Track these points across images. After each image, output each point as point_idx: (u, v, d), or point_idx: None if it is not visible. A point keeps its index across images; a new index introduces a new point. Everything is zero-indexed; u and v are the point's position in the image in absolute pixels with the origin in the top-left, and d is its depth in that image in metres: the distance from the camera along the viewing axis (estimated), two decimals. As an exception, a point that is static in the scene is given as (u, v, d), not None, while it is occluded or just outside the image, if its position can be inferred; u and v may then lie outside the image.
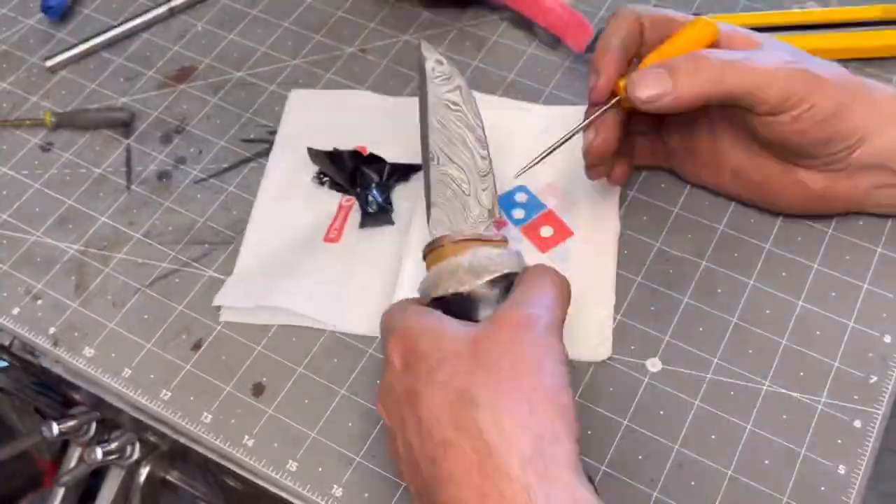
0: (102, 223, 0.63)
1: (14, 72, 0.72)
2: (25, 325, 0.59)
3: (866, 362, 0.54)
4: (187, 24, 0.74)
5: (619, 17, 0.55)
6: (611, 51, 0.54)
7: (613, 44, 0.54)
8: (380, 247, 0.60)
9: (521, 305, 0.44)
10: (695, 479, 0.51)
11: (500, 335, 0.43)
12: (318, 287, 0.58)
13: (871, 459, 0.51)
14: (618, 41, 0.54)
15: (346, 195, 0.63)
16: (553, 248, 0.60)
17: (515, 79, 0.69)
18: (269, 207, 0.63)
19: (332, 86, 0.69)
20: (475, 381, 0.41)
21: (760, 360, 0.55)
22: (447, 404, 0.41)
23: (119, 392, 0.56)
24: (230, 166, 0.66)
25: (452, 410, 0.41)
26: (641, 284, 0.58)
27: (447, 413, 0.41)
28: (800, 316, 0.56)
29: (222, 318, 0.58)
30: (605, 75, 0.54)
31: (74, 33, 0.74)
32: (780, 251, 0.59)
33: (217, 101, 0.69)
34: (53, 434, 0.65)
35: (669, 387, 0.54)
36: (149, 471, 0.72)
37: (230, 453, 0.53)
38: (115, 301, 0.60)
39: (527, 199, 0.62)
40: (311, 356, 0.57)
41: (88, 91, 0.70)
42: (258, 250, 0.61)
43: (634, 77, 0.52)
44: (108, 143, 0.68)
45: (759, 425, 0.53)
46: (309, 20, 0.74)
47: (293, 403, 0.55)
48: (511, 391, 0.40)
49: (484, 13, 0.73)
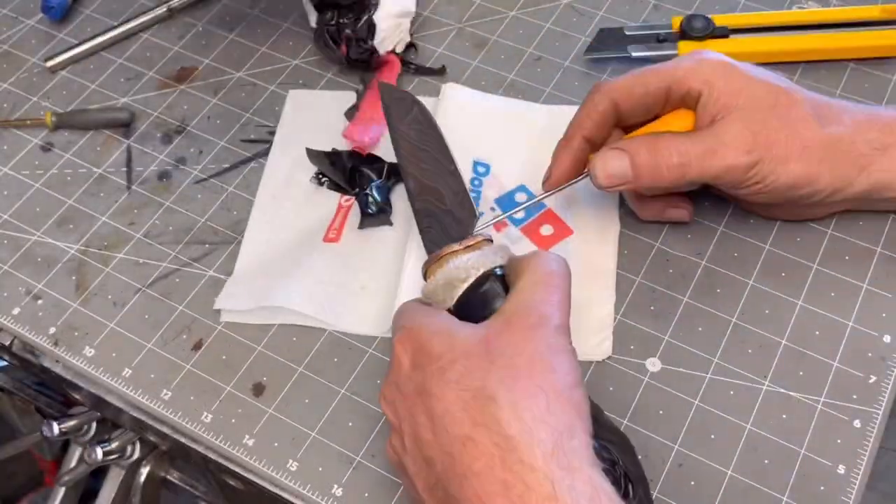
0: (103, 223, 0.63)
1: (15, 72, 0.72)
2: (26, 325, 0.59)
3: (866, 362, 0.54)
4: (187, 24, 0.74)
5: (588, 104, 0.56)
6: (571, 144, 0.56)
7: (576, 136, 0.56)
8: (379, 247, 0.60)
9: (531, 305, 0.45)
10: (695, 479, 0.51)
11: (513, 336, 0.43)
12: (318, 287, 0.58)
13: (870, 459, 0.51)
14: (582, 133, 0.56)
15: (345, 195, 0.63)
16: (553, 246, 0.60)
17: (515, 79, 0.69)
18: (268, 208, 0.63)
19: (332, 86, 0.69)
20: (491, 379, 0.41)
21: (760, 360, 0.55)
22: (462, 402, 0.41)
23: (119, 392, 0.56)
24: (230, 166, 0.66)
25: (468, 408, 0.41)
26: (641, 284, 0.58)
27: (463, 410, 0.41)
28: (800, 316, 0.56)
29: (223, 319, 0.58)
30: (557, 171, 0.56)
31: (75, 33, 0.74)
32: (780, 251, 0.59)
33: (217, 101, 0.69)
34: (54, 434, 0.65)
35: (669, 387, 0.54)
36: (149, 471, 0.72)
37: (230, 453, 0.53)
38: (116, 301, 0.60)
39: (526, 199, 0.62)
40: (311, 356, 0.57)
41: (89, 91, 0.70)
42: (258, 250, 0.61)
43: (598, 163, 0.54)
44: (108, 143, 0.68)
45: (759, 425, 0.53)
46: (309, 20, 0.73)
47: (293, 403, 0.55)
48: (529, 388, 0.41)
49: (484, 13, 0.73)
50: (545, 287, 0.46)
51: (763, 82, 0.54)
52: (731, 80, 0.54)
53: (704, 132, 0.53)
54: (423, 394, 0.43)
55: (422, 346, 0.44)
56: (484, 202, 0.62)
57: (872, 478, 0.51)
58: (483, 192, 0.62)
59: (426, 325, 0.45)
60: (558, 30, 0.71)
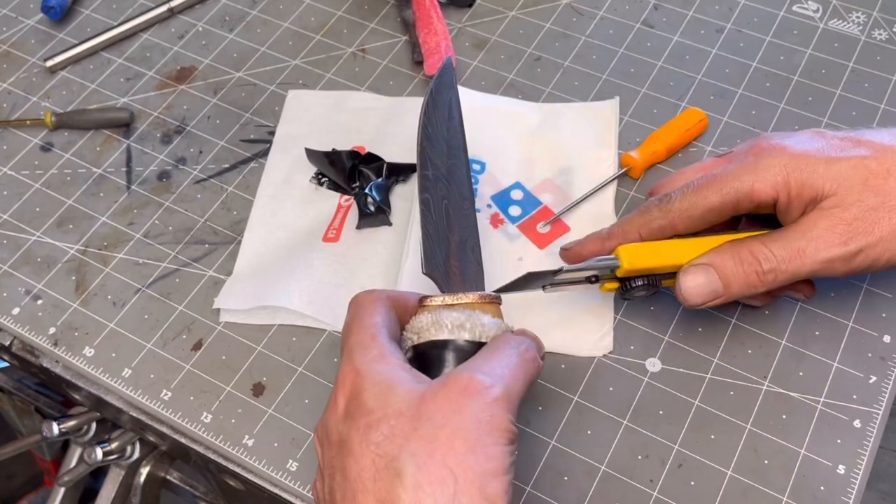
0: (102, 223, 0.63)
1: (14, 72, 0.72)
2: (25, 325, 0.59)
3: (866, 362, 0.54)
4: (187, 24, 0.74)
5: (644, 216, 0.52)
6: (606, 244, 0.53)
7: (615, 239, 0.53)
8: (379, 246, 0.60)
9: (473, 370, 0.41)
10: (695, 479, 0.51)
11: (445, 400, 0.40)
12: (318, 287, 0.58)
13: (870, 459, 0.51)
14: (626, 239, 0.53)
15: (344, 195, 0.63)
16: (550, 244, 0.60)
17: (515, 79, 0.69)
18: (267, 208, 0.63)
19: (332, 86, 0.69)
20: (407, 450, 0.39)
21: (760, 360, 0.55)
22: (374, 469, 0.39)
23: (119, 392, 0.56)
24: (230, 166, 0.66)
25: (377, 479, 0.39)
26: (641, 284, 0.58)
27: (372, 480, 0.39)
28: (799, 316, 0.56)
29: (222, 319, 0.58)
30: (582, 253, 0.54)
31: (74, 33, 0.74)
32: (780, 251, 0.59)
33: (217, 101, 0.69)
34: (54, 434, 0.65)
35: (669, 387, 0.54)
36: (149, 471, 0.72)
37: (230, 453, 0.53)
38: (115, 301, 0.60)
39: (523, 196, 0.62)
40: (311, 356, 0.57)
41: (89, 91, 0.70)
42: (257, 250, 0.61)
43: (683, 279, 0.50)
44: (108, 143, 0.68)
45: (759, 425, 0.53)
46: (309, 20, 0.74)
47: (293, 403, 0.55)
48: (439, 468, 0.38)
49: (484, 13, 0.73)
50: (496, 355, 0.43)
51: (846, 159, 0.49)
52: (806, 171, 0.49)
53: (791, 230, 0.49)
54: (344, 448, 0.41)
55: (358, 395, 0.41)
56: (480, 199, 0.62)
57: (872, 478, 0.51)
58: (479, 189, 0.62)
59: (372, 372, 0.42)
60: (558, 30, 0.71)
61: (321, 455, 0.43)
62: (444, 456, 0.38)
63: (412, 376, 0.42)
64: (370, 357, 0.43)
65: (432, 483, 0.38)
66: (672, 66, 0.69)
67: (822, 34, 0.70)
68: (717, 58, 0.69)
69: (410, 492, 0.38)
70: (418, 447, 0.39)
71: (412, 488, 0.38)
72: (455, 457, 0.38)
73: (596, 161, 0.63)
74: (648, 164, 0.63)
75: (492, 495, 0.38)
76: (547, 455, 0.52)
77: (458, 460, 0.38)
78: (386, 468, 0.39)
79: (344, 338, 0.45)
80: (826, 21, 0.71)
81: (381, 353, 0.43)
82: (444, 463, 0.38)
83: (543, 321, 0.55)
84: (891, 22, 0.70)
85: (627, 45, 0.70)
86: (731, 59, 0.69)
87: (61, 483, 0.75)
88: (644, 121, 0.66)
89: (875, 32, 0.70)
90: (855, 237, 0.48)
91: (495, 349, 0.43)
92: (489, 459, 0.39)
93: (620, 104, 0.66)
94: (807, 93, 0.66)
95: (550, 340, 0.56)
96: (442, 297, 0.46)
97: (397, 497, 0.38)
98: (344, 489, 0.40)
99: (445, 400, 0.40)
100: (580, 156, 0.63)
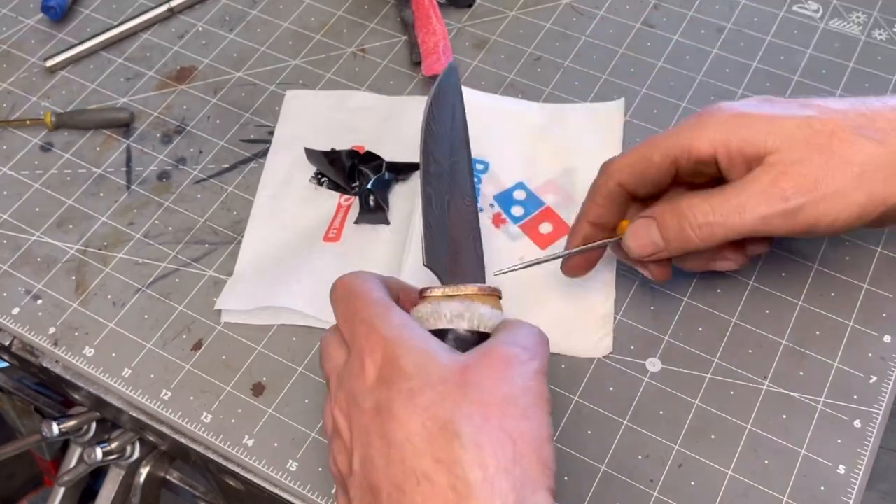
0: (102, 223, 0.63)
1: (14, 72, 0.72)
2: (25, 325, 0.59)
3: (866, 362, 0.54)
4: (187, 24, 0.74)
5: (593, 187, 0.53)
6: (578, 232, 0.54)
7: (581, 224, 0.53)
8: (379, 246, 0.60)
9: (510, 343, 0.41)
10: (695, 479, 0.51)
11: (491, 369, 0.40)
12: (319, 287, 0.58)
13: (870, 459, 0.51)
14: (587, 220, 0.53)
15: (344, 195, 0.63)
16: (552, 244, 0.60)
17: (515, 79, 0.69)
18: (267, 208, 0.63)
19: (332, 86, 0.69)
20: (461, 413, 0.38)
21: (760, 360, 0.55)
22: (427, 432, 0.38)
23: (119, 392, 0.56)
24: (230, 166, 0.66)
25: (432, 440, 0.38)
26: (641, 284, 0.58)
27: (426, 442, 0.38)
28: (800, 316, 0.56)
29: (223, 319, 0.58)
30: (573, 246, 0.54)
31: (74, 33, 0.74)
32: (780, 251, 0.59)
33: (217, 101, 0.69)
34: (53, 434, 0.65)
35: (669, 386, 0.54)
36: (149, 471, 0.72)
37: (230, 453, 0.53)
38: (115, 301, 0.60)
39: (525, 197, 0.62)
40: (311, 356, 0.57)
41: (88, 91, 0.70)
42: (258, 250, 0.61)
43: (630, 236, 0.51)
44: (108, 143, 0.68)
45: (759, 425, 0.53)
46: (309, 20, 0.74)
47: (293, 403, 0.55)
48: (497, 431, 0.38)
49: (484, 13, 0.73)
50: (522, 331, 0.43)
51: (789, 117, 0.49)
52: (747, 128, 0.49)
53: (733, 185, 0.49)
54: (384, 414, 0.39)
55: (394, 361, 0.40)
56: (483, 198, 0.62)
57: (872, 478, 0.51)
58: (482, 188, 0.62)
59: (404, 338, 0.41)
60: (558, 30, 0.71)
61: (347, 426, 0.41)
62: (499, 420, 0.38)
63: (444, 346, 0.42)
64: (396, 324, 0.42)
65: (493, 444, 0.38)
66: (672, 66, 0.69)
67: (823, 34, 0.70)
68: (718, 58, 0.69)
69: (472, 451, 0.37)
70: (472, 410, 0.38)
71: (473, 448, 0.37)
72: (510, 421, 0.38)
73: (601, 162, 0.63)
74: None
75: (546, 459, 0.39)
76: (547, 455, 0.52)
77: (513, 425, 0.38)
78: (441, 430, 0.38)
79: (347, 316, 0.43)
80: (826, 21, 0.71)
81: (406, 322, 0.42)
82: (500, 426, 0.38)
83: (543, 321, 0.55)
84: (891, 22, 0.70)
85: (628, 45, 0.70)
86: (732, 59, 0.69)
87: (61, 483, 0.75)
88: (644, 121, 0.65)
89: (875, 32, 0.70)
90: (797, 193, 0.48)
91: (519, 326, 0.43)
92: (540, 426, 0.39)
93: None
94: (807, 93, 0.66)
95: (550, 341, 0.56)
96: (442, 289, 0.46)
97: (458, 457, 0.37)
98: (388, 455, 0.38)
99: (490, 370, 0.40)
100: (584, 157, 0.63)
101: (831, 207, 0.48)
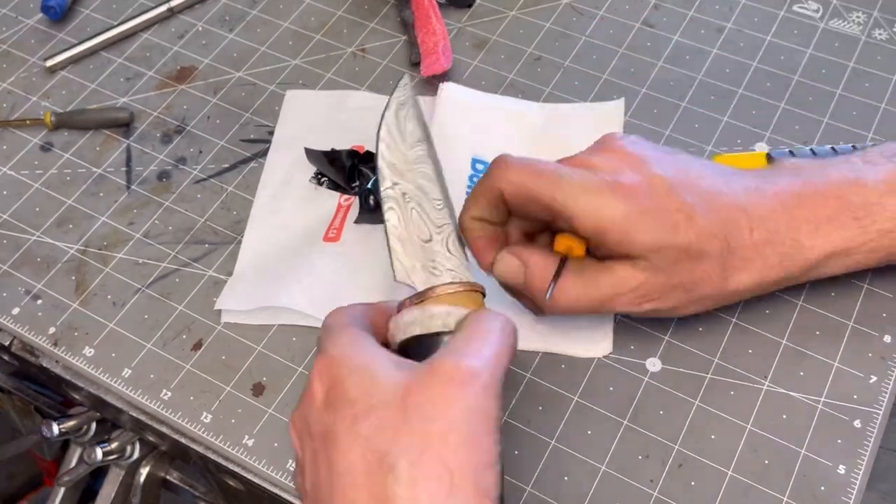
0: (102, 223, 0.63)
1: (14, 72, 0.72)
2: (25, 325, 0.59)
3: (866, 362, 0.54)
4: (187, 24, 0.74)
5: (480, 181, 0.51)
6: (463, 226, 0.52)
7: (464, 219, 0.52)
8: (379, 246, 0.60)
9: (460, 354, 0.40)
10: (695, 479, 0.51)
11: (434, 390, 0.39)
12: (320, 287, 0.58)
13: (871, 459, 0.51)
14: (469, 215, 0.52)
15: (344, 194, 0.63)
16: (553, 247, 0.60)
17: (515, 79, 0.69)
18: (267, 208, 0.63)
19: (332, 86, 0.69)
20: (399, 444, 0.38)
21: (760, 360, 0.55)
22: (365, 464, 0.38)
23: (119, 392, 0.56)
24: (230, 166, 0.66)
25: (370, 474, 0.38)
26: (641, 284, 0.58)
27: (363, 476, 0.38)
28: (800, 316, 0.56)
29: (223, 320, 0.58)
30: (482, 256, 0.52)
31: (74, 33, 0.74)
32: (780, 251, 0.59)
33: (217, 101, 0.69)
34: (53, 434, 0.65)
35: (669, 386, 0.54)
36: (149, 471, 0.72)
37: (230, 453, 0.53)
38: (115, 301, 0.60)
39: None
40: (311, 356, 0.57)
41: (88, 91, 0.70)
42: (258, 250, 0.61)
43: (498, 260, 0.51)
44: (108, 143, 0.68)
45: (759, 425, 0.53)
46: (309, 20, 0.74)
47: (293, 403, 0.55)
48: (435, 464, 0.37)
49: (484, 13, 0.73)
50: (478, 340, 0.41)
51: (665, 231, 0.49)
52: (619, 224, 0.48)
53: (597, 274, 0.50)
54: (328, 440, 0.39)
55: (338, 384, 0.40)
56: None
57: (872, 478, 0.51)
58: None
59: (348, 358, 0.41)
60: (558, 30, 0.71)
61: (300, 448, 0.42)
62: (438, 451, 0.37)
63: (390, 360, 0.41)
64: (342, 342, 0.42)
65: (428, 479, 0.37)
66: (672, 66, 0.69)
67: (823, 34, 0.70)
68: (717, 58, 0.69)
69: (405, 488, 0.37)
70: (410, 442, 0.38)
71: (407, 484, 0.37)
72: (449, 452, 0.38)
73: None
74: None
75: (486, 488, 0.38)
76: (547, 455, 0.52)
77: (452, 455, 0.38)
78: (378, 463, 0.38)
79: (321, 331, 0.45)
80: (826, 21, 0.71)
81: (353, 339, 0.42)
82: (439, 458, 0.37)
83: (543, 322, 0.56)
84: (891, 22, 0.70)
85: (628, 45, 0.70)
86: (731, 59, 0.69)
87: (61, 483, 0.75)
88: (644, 121, 0.65)
89: (875, 32, 0.69)
90: (654, 299, 0.50)
91: (476, 329, 0.42)
92: (482, 452, 0.38)
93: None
94: (807, 93, 0.66)
95: (550, 341, 0.56)
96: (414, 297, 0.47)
97: (393, 493, 0.37)
98: (332, 484, 0.39)
99: (433, 391, 0.39)
100: None
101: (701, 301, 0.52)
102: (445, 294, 0.46)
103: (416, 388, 0.39)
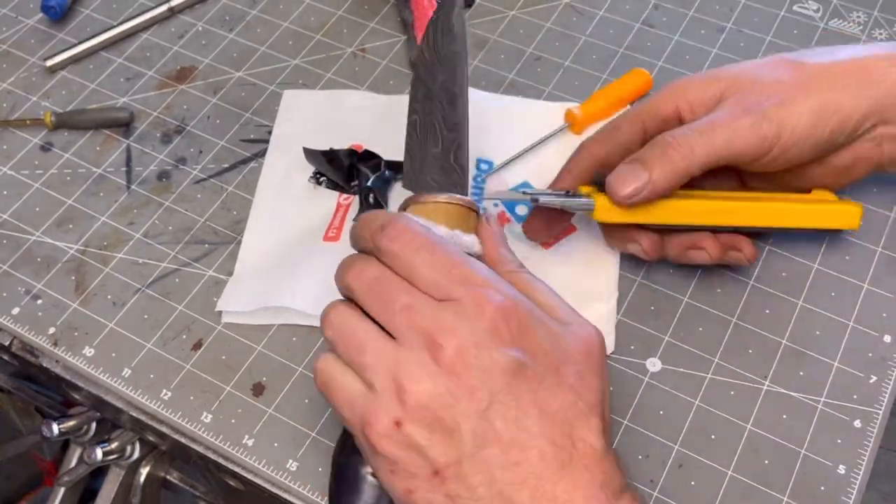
0: (102, 223, 0.63)
1: (14, 72, 0.72)
2: (25, 325, 0.59)
3: (866, 362, 0.54)
4: (187, 24, 0.74)
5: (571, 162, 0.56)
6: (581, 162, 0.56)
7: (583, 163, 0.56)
8: (380, 246, 0.60)
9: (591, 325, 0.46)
10: (695, 479, 0.51)
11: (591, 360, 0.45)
12: (319, 286, 0.58)
13: (870, 459, 0.51)
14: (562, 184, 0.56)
15: (343, 194, 0.63)
16: (556, 244, 0.60)
17: (515, 79, 0.69)
18: (267, 208, 0.63)
19: (332, 85, 0.69)
20: (596, 396, 0.43)
21: (760, 360, 0.55)
22: (575, 411, 0.42)
23: (119, 392, 0.56)
24: (230, 166, 0.66)
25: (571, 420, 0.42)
26: (641, 284, 0.58)
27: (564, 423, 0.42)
28: (800, 316, 0.56)
29: (224, 320, 0.58)
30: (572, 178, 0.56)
31: (74, 33, 0.74)
32: (780, 251, 0.59)
33: (217, 101, 0.69)
34: (53, 434, 0.65)
35: (669, 386, 0.54)
36: (149, 471, 0.72)
37: (230, 453, 0.53)
38: (115, 301, 0.60)
39: (528, 198, 0.62)
40: (311, 356, 0.57)
41: (88, 91, 0.70)
42: (258, 250, 0.61)
43: (612, 178, 0.52)
44: (108, 143, 0.68)
45: (759, 425, 0.53)
46: (309, 20, 0.74)
47: (293, 403, 0.55)
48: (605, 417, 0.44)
49: (484, 13, 0.73)
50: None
51: (741, 68, 0.54)
52: (704, 86, 0.54)
53: (704, 115, 0.53)
54: (532, 380, 0.42)
55: (529, 331, 0.42)
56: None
57: (872, 478, 0.51)
58: (487, 188, 0.62)
59: (528, 311, 0.43)
60: (558, 30, 0.71)
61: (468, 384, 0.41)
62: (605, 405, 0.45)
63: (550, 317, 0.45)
64: (509, 289, 0.44)
65: (606, 431, 0.44)
66: (672, 66, 0.69)
67: (823, 34, 0.70)
68: (718, 58, 0.69)
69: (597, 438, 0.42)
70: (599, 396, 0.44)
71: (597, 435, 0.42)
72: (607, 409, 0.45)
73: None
74: (591, 121, 0.64)
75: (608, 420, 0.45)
76: (547, 455, 0.52)
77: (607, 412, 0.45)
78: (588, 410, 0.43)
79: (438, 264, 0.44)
80: (826, 21, 0.71)
81: (516, 287, 0.45)
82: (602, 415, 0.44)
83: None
84: (891, 22, 0.70)
85: (627, 45, 0.70)
86: (732, 59, 0.69)
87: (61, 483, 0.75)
88: (644, 121, 0.65)
89: (875, 32, 0.70)
90: (756, 104, 0.51)
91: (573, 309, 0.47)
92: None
93: (620, 104, 0.66)
94: (807, 93, 0.66)
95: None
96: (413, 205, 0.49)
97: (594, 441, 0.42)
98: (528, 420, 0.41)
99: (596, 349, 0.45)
100: None
101: (789, 113, 0.51)
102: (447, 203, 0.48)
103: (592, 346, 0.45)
